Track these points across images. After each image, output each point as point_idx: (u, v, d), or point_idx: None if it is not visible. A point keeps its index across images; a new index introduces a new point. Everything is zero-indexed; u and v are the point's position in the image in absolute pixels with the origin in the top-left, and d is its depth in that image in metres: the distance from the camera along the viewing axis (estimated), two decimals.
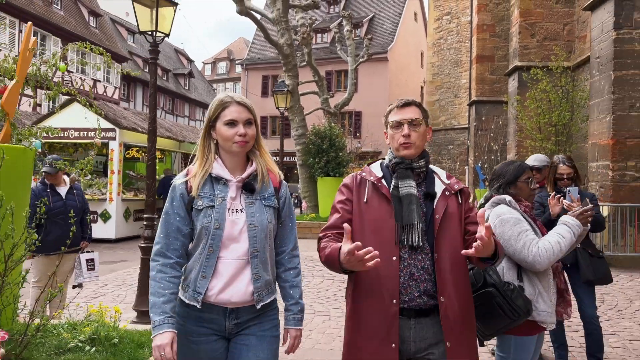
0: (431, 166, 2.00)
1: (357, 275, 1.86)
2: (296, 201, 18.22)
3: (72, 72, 25.50)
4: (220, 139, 1.83)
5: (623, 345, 4.44)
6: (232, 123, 1.79)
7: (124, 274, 7.74)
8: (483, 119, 18.43)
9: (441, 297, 1.78)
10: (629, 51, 8.52)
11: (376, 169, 1.99)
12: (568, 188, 2.92)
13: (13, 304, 2.43)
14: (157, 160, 13.87)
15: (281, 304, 1.96)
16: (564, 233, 2.29)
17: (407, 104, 1.94)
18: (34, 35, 24.19)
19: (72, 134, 11.26)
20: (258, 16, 13.56)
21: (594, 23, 9.38)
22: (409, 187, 1.86)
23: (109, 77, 30.67)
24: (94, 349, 2.71)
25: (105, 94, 29.88)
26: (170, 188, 1.87)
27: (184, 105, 41.64)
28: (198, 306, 1.78)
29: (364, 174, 1.97)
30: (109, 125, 11.24)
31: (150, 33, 4.92)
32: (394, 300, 1.78)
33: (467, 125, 22.63)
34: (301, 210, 14.22)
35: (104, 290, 6.58)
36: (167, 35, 5.02)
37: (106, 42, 30.33)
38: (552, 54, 12.45)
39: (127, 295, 6.26)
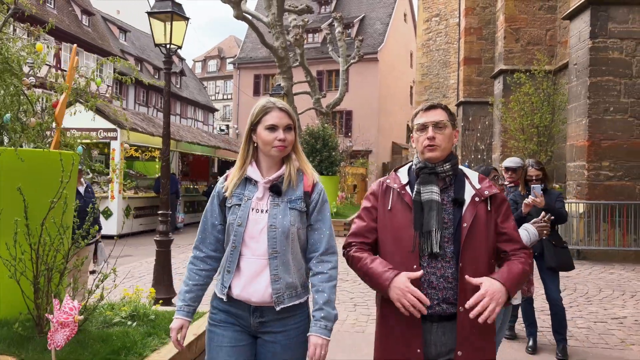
0: (463, 168, 1.97)
1: None
2: None
3: (65, 71, 25.66)
4: (260, 143, 1.89)
5: (588, 326, 5.03)
6: (272, 128, 1.85)
7: (131, 268, 8.19)
8: (470, 119, 19.06)
9: (460, 307, 1.78)
10: (604, 59, 9.15)
11: (403, 175, 1.98)
12: (533, 185, 3.48)
13: (72, 284, 2.92)
14: (156, 159, 14.27)
15: None
16: (523, 235, 2.88)
17: (432, 107, 1.93)
18: (27, 35, 24.41)
19: (74, 134, 11.65)
20: (252, 20, 14.02)
21: (572, 32, 9.99)
22: (430, 192, 1.84)
23: (101, 75, 30.83)
24: (135, 323, 3.20)
25: (98, 92, 30.09)
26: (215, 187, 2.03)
27: (175, 103, 41.83)
28: (224, 299, 1.87)
29: (388, 180, 1.98)
30: (110, 125, 11.66)
31: (164, 45, 5.39)
32: None
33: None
34: None
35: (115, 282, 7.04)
36: (180, 47, 5.50)
37: (99, 41, 30.55)
38: (535, 59, 13.07)
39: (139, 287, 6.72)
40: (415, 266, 1.80)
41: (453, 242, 1.81)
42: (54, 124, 3.28)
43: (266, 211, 1.85)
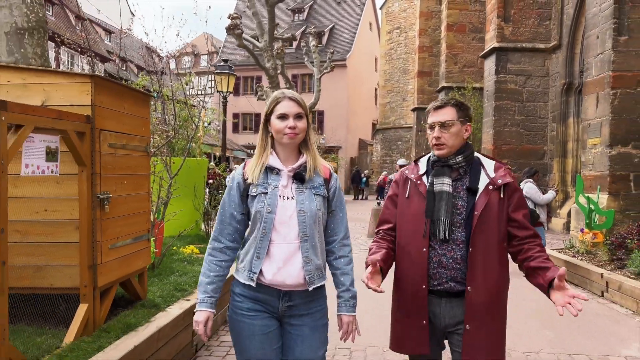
0: (481, 157, 2.06)
1: (397, 264, 2.10)
2: None
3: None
4: (273, 132, 1.94)
5: None
6: (283, 116, 1.90)
7: None
8: (422, 122, 23.06)
9: (469, 287, 1.93)
10: (505, 89, 13.17)
11: (422, 164, 2.12)
12: None
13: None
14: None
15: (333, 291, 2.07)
16: (550, 195, 6.92)
17: (440, 107, 2.03)
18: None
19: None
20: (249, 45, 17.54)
21: (485, 67, 14.01)
22: (442, 184, 1.98)
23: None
24: None
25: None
26: (229, 178, 2.08)
27: (157, 102, 44.46)
28: (253, 285, 1.90)
29: (407, 171, 2.15)
30: None
31: (223, 92, 8.99)
32: (424, 286, 1.98)
33: (412, 125, 27.24)
34: None
35: None
36: (232, 92, 9.08)
37: (90, 44, 33.12)
38: (466, 80, 17.09)
39: None
40: (424, 249, 1.98)
41: (465, 227, 1.95)
42: (197, 145, 6.89)
43: (292, 198, 1.92)
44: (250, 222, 1.95)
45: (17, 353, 2.37)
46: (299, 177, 1.94)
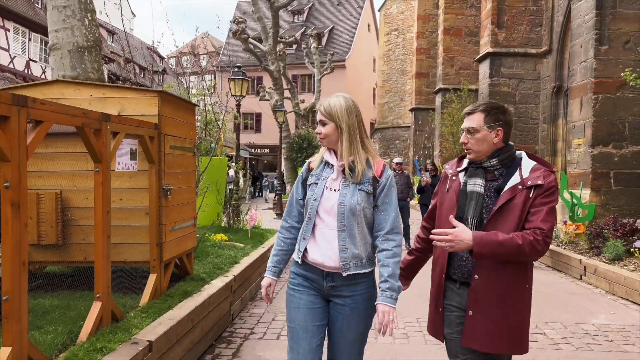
0: (524, 158, 2.08)
1: (433, 250, 2.26)
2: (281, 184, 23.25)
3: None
4: None
5: None
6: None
7: None
8: (420, 122, 23.88)
9: (475, 275, 2.00)
10: (498, 91, 13.92)
11: (465, 161, 2.20)
12: (423, 172, 8.03)
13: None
14: None
15: None
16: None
17: (469, 113, 2.13)
18: (22, 36, 27.46)
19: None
20: (254, 49, 18.26)
21: (480, 70, 14.76)
22: (474, 184, 2.07)
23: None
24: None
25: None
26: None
27: None
28: (299, 262, 2.18)
29: (447, 166, 2.29)
30: None
31: (236, 96, 9.71)
32: (443, 275, 2.13)
33: (410, 125, 27.96)
34: (285, 192, 19.20)
35: None
36: (244, 96, 9.80)
37: (132, 55, 33.75)
38: (463, 81, 17.85)
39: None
40: None
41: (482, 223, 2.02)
42: (216, 145, 7.61)
43: (338, 190, 2.12)
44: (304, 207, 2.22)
45: (116, 306, 3.10)
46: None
